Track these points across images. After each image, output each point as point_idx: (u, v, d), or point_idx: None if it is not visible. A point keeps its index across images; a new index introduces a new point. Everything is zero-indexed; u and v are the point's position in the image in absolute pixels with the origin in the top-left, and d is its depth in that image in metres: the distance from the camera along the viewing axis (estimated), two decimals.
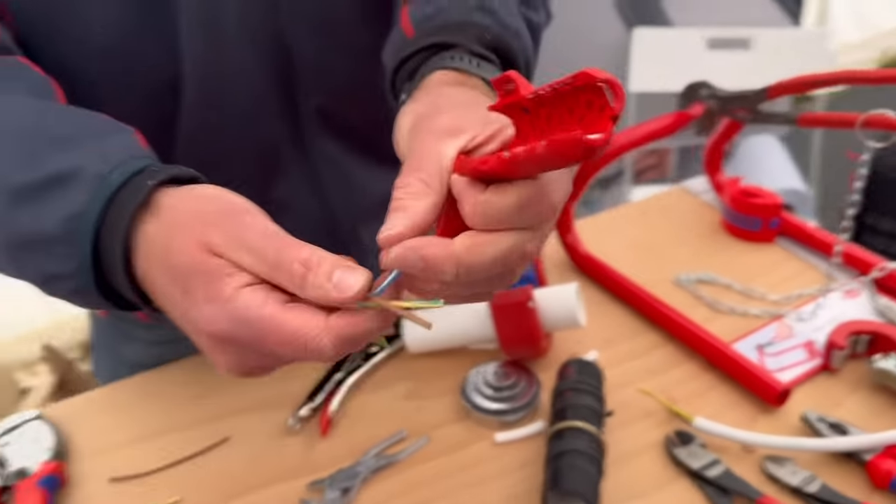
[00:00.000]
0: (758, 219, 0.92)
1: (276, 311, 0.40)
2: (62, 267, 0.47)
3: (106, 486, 0.70)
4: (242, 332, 0.41)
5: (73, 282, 0.48)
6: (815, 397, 0.73)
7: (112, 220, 0.46)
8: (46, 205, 0.47)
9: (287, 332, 0.40)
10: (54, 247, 0.47)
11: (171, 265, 0.43)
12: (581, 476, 0.61)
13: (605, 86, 0.34)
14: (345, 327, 0.40)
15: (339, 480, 0.68)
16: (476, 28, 0.58)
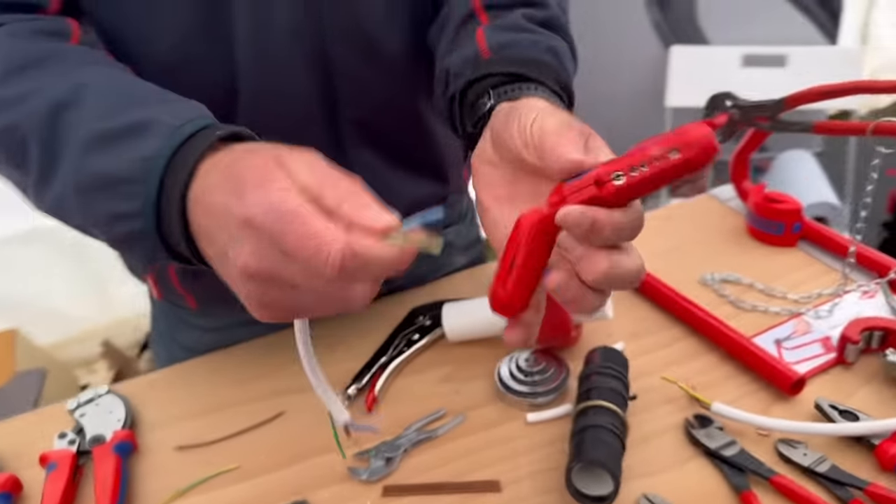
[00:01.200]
0: (781, 223, 0.97)
1: (307, 211, 0.44)
2: (129, 206, 0.52)
3: (172, 454, 0.78)
4: (269, 220, 0.43)
5: (136, 222, 0.52)
6: (828, 388, 0.78)
7: (179, 163, 0.51)
8: (121, 149, 0.52)
9: (307, 229, 0.43)
10: (124, 186, 0.52)
11: (231, 171, 0.48)
12: (604, 447, 0.66)
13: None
14: (361, 245, 0.43)
15: (382, 451, 0.74)
16: (552, 70, 0.66)
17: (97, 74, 0.61)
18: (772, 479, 0.68)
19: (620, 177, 0.44)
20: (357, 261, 0.43)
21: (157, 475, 0.76)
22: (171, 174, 0.51)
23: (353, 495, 0.71)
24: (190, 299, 0.90)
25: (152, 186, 0.51)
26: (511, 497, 0.70)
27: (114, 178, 0.52)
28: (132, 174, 0.51)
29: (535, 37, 0.69)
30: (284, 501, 0.71)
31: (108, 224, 0.54)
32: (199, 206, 0.50)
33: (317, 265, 0.43)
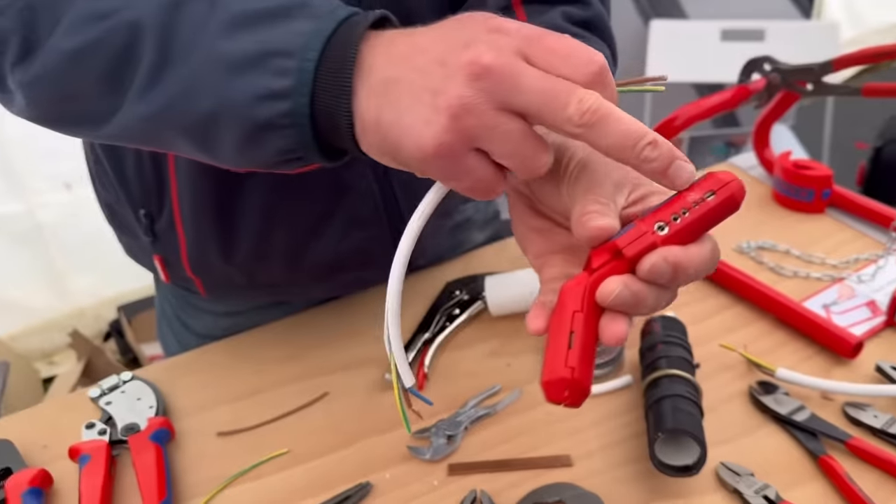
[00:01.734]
0: (811, 189, 0.96)
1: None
2: (279, 82, 0.45)
3: (214, 441, 0.73)
4: (525, 28, 0.42)
5: (287, 101, 0.45)
6: (883, 350, 0.78)
7: (343, 33, 0.45)
8: (273, 28, 0.46)
9: (570, 37, 0.42)
10: (275, 60, 0.45)
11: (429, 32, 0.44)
12: (685, 416, 0.64)
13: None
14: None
15: (442, 429, 0.71)
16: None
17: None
18: (847, 442, 0.67)
19: (664, 227, 0.42)
20: (608, 76, 0.41)
21: (200, 463, 0.71)
22: (334, 45, 0.45)
23: (419, 475, 0.68)
24: (199, 284, 0.84)
25: (310, 58, 0.44)
26: (584, 471, 0.67)
27: (263, 53, 0.46)
28: (286, 46, 0.45)
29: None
30: (344, 485, 0.67)
31: (251, 106, 0.46)
32: (387, 49, 0.45)
33: (578, 58, 0.41)
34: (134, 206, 0.76)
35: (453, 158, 0.42)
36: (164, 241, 0.78)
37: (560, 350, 0.42)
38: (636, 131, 0.40)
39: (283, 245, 0.77)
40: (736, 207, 0.44)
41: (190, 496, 0.68)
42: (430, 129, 0.41)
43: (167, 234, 0.77)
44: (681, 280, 0.42)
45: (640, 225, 0.43)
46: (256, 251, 0.77)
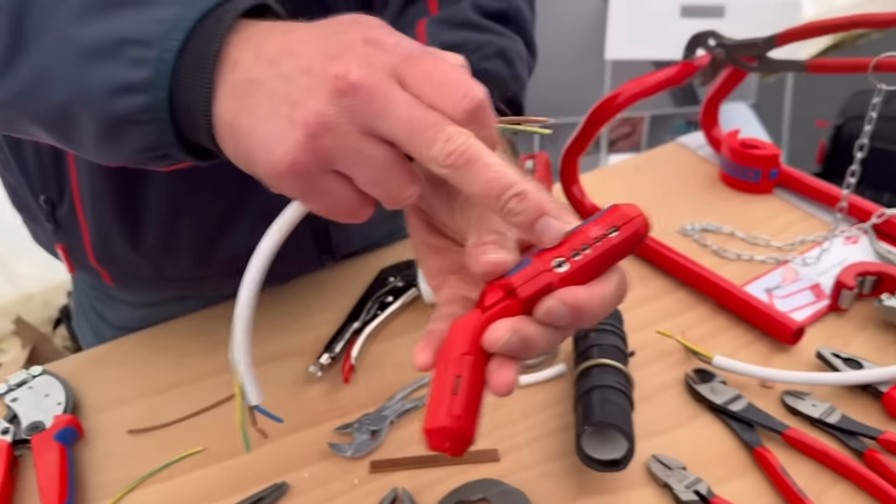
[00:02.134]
0: (758, 170, 0.94)
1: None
2: (135, 73, 0.41)
3: (125, 439, 0.69)
4: (404, 43, 0.39)
5: (144, 95, 0.41)
6: (825, 336, 0.75)
7: (210, 22, 0.41)
8: (132, 14, 0.42)
9: (451, 62, 0.39)
10: (131, 49, 0.41)
11: (305, 28, 0.41)
12: (614, 408, 0.61)
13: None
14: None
15: (366, 424, 0.68)
16: (498, 81, 0.59)
17: None
18: (784, 433, 0.65)
19: (563, 264, 0.39)
20: (486, 113, 0.38)
21: (109, 463, 0.67)
22: (197, 35, 0.41)
23: (338, 473, 0.65)
24: (105, 276, 0.80)
25: (169, 51, 0.40)
26: (512, 466, 0.64)
27: (118, 40, 0.42)
28: (145, 35, 0.41)
29: (483, 37, 0.62)
30: (261, 485, 0.64)
31: (106, 99, 0.42)
32: (255, 45, 0.40)
33: (455, 91, 0.37)
34: (34, 191, 0.72)
35: (308, 178, 0.38)
36: (67, 228, 0.73)
37: (444, 396, 0.38)
38: (503, 181, 0.37)
39: (190, 237, 0.73)
40: (639, 243, 0.42)
41: (96, 498, 0.64)
42: (284, 145, 0.37)
43: (69, 221, 0.72)
44: (583, 321, 0.39)
45: (537, 261, 0.39)
46: (163, 242, 0.73)
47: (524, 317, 0.39)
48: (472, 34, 0.62)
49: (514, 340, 0.38)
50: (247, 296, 0.46)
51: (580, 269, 0.39)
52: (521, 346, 0.38)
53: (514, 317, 0.39)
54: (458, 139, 0.36)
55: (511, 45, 0.64)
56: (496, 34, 0.63)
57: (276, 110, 0.38)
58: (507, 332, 0.38)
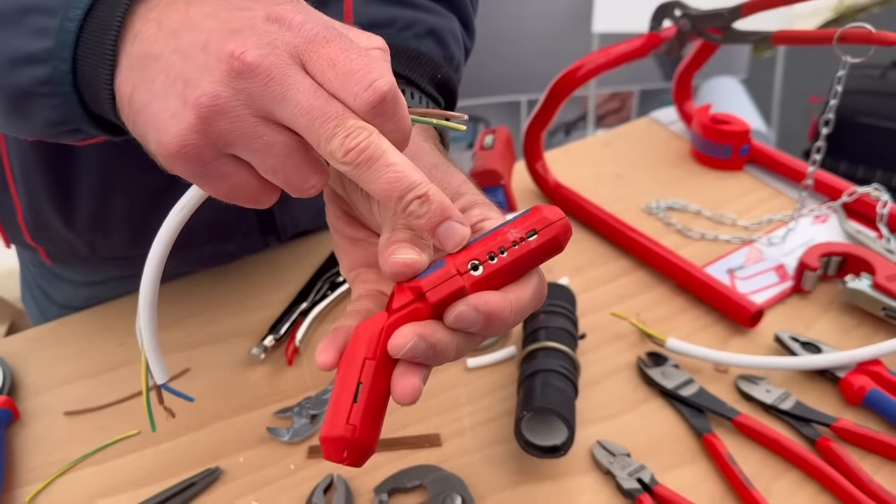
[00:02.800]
0: (728, 146, 0.91)
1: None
2: (36, 43, 0.39)
3: (62, 420, 0.67)
4: (311, 22, 0.35)
5: (45, 67, 0.40)
6: (786, 318, 0.73)
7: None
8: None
9: (358, 47, 0.36)
10: (33, 18, 0.40)
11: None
12: (555, 393, 0.59)
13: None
14: (400, 95, 0.36)
15: (306, 408, 0.66)
16: (428, 63, 0.56)
17: None
18: (734, 419, 0.63)
19: (478, 267, 0.37)
20: (392, 106, 0.35)
21: (44, 446, 0.65)
22: (99, 8, 0.39)
23: (274, 458, 0.63)
24: (42, 252, 0.78)
25: (72, 18, 0.38)
26: (453, 451, 0.63)
27: (20, 8, 0.40)
28: (46, 2, 0.39)
29: (414, 14, 0.59)
30: (195, 469, 0.62)
31: (6, 70, 0.41)
32: (159, 21, 0.38)
33: (358, 82, 0.34)
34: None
35: (200, 162, 0.36)
36: (0, 203, 0.71)
37: (344, 403, 0.36)
38: (404, 182, 0.34)
39: (123, 214, 0.71)
40: (559, 249, 0.39)
41: (28, 481, 0.62)
42: (175, 126, 0.35)
43: (1, 196, 0.70)
44: (496, 328, 0.37)
45: (450, 263, 0.37)
46: (96, 219, 0.70)
47: (433, 321, 0.36)
48: (402, 10, 0.59)
49: (420, 346, 0.35)
50: (150, 275, 0.44)
51: (494, 273, 0.37)
52: (429, 353, 0.36)
53: (422, 321, 0.36)
54: (358, 135, 0.34)
55: (444, 23, 0.61)
56: (428, 11, 0.60)
57: (171, 87, 0.36)
58: (413, 338, 0.35)
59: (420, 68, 0.55)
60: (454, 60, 0.60)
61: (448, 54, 0.59)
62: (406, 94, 0.53)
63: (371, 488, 0.60)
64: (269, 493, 0.60)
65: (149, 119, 0.36)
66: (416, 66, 0.55)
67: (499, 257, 0.37)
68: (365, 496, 0.59)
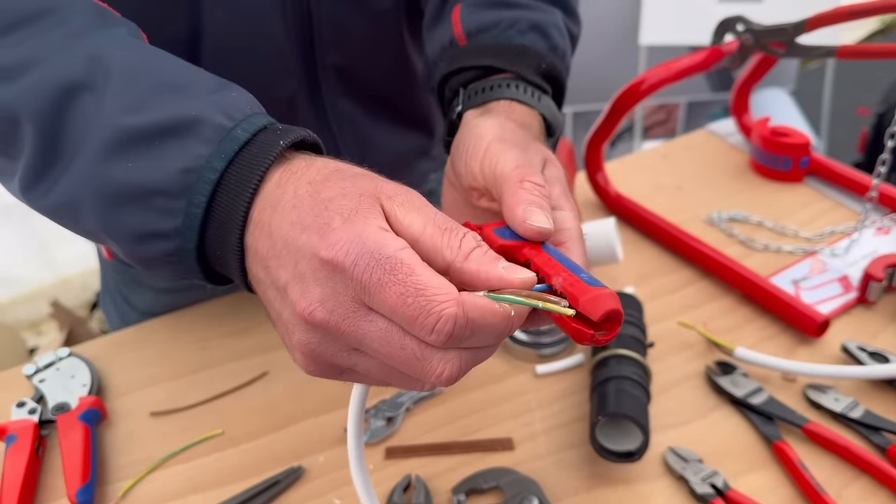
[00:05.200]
0: (788, 158, 0.92)
1: (412, 260, 0.36)
2: (164, 223, 0.42)
3: (148, 420, 0.70)
4: (362, 265, 0.36)
5: (172, 242, 0.43)
6: (852, 329, 0.74)
7: (234, 176, 0.41)
8: (158, 155, 0.42)
9: (414, 282, 0.35)
10: (159, 200, 0.42)
11: (315, 195, 0.39)
12: (629, 399, 0.61)
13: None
14: (477, 305, 0.36)
15: (382, 410, 0.68)
16: (532, 55, 0.60)
17: (115, 46, 0.47)
18: (804, 427, 0.63)
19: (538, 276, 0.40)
20: (471, 324, 0.36)
21: (131, 445, 0.68)
22: (223, 190, 0.42)
23: None
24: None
25: (198, 204, 0.41)
26: (526, 455, 0.64)
27: (148, 190, 0.42)
28: (171, 188, 0.42)
29: (516, 13, 0.62)
30: (277, 468, 0.64)
31: (137, 243, 0.44)
32: (261, 228, 0.41)
33: (421, 328, 0.35)
34: None
35: (330, 375, 0.42)
36: None
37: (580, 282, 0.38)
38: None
39: None
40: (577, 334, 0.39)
41: (117, 478, 0.65)
42: (294, 355, 0.41)
43: None
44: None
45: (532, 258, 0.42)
46: None
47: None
48: (504, 12, 0.62)
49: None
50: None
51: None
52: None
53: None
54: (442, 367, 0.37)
55: (546, 17, 0.63)
56: (530, 9, 0.63)
57: (278, 318, 0.41)
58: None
59: (524, 61, 0.59)
60: (558, 50, 0.62)
61: (552, 45, 0.62)
62: (512, 86, 0.57)
63: (448, 489, 0.61)
64: (350, 490, 0.62)
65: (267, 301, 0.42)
66: (521, 59, 0.59)
67: (555, 281, 0.40)
68: (443, 496, 0.61)
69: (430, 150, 0.91)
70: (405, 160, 0.87)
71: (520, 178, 0.45)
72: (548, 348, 0.72)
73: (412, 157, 0.88)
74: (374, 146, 0.80)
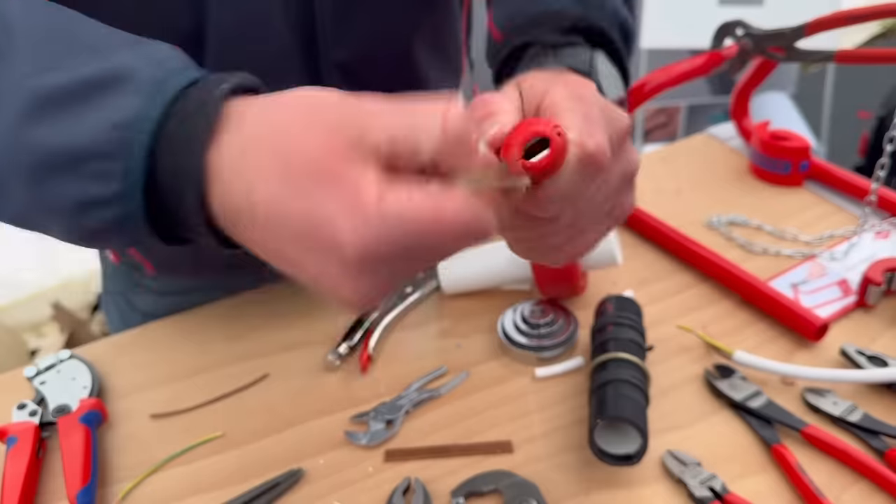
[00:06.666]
0: (787, 162, 0.92)
1: (428, 201, 0.36)
2: (101, 189, 0.39)
3: (148, 423, 0.71)
4: (398, 240, 0.35)
5: (115, 208, 0.39)
6: (851, 332, 0.74)
7: (174, 130, 0.38)
8: (83, 113, 0.38)
9: (449, 219, 0.36)
10: (94, 163, 0.38)
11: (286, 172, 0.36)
12: (628, 403, 0.61)
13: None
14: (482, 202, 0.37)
15: (382, 413, 0.68)
16: (552, 16, 0.58)
17: (22, 7, 0.43)
18: (803, 430, 0.64)
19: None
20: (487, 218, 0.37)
21: (132, 447, 0.69)
22: (166, 145, 0.38)
23: (353, 461, 0.65)
24: (148, 265, 0.81)
25: (137, 159, 0.38)
26: (525, 458, 0.64)
27: (79, 153, 0.38)
28: (105, 147, 0.38)
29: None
30: (277, 470, 0.64)
31: (77, 214, 0.40)
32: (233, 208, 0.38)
33: (469, 239, 0.37)
34: None
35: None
36: None
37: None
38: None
39: None
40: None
41: (118, 480, 0.66)
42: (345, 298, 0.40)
43: None
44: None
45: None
46: None
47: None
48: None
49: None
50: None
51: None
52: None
53: None
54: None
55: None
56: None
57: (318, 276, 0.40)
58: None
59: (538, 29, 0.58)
60: (590, 4, 0.59)
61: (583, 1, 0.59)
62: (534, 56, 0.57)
63: (447, 492, 0.62)
64: (349, 493, 0.63)
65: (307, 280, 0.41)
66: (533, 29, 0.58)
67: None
68: (442, 499, 0.61)
69: None
70: None
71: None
72: (547, 351, 0.72)
73: None
74: None
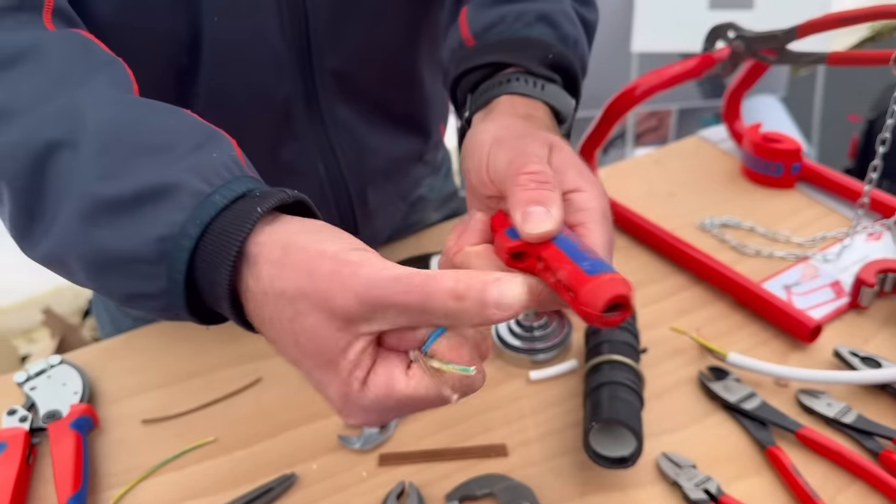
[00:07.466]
0: (779, 164, 0.92)
1: (404, 389, 0.40)
2: (149, 286, 0.43)
3: (139, 428, 0.70)
4: (376, 411, 0.42)
5: (161, 301, 0.43)
6: (844, 334, 0.74)
7: (210, 246, 0.41)
8: (134, 222, 0.42)
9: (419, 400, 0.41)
10: (140, 266, 0.42)
11: (297, 345, 0.42)
12: (623, 405, 0.61)
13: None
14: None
15: None
16: (538, 46, 0.59)
17: (95, 96, 0.47)
18: (797, 432, 0.64)
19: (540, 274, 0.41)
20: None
21: (123, 452, 0.68)
22: (202, 259, 0.42)
23: (347, 465, 0.65)
24: None
25: (178, 269, 0.41)
26: (520, 461, 0.64)
27: (126, 258, 0.43)
28: (150, 256, 0.42)
29: (521, 6, 0.62)
30: (270, 475, 0.64)
31: (124, 301, 0.46)
32: (254, 302, 0.43)
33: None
34: None
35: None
36: None
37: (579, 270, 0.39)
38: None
39: None
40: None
41: (109, 486, 0.65)
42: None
43: None
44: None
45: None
46: None
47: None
48: (510, 6, 0.62)
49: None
50: None
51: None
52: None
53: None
54: None
55: (552, 6, 0.63)
56: (534, 0, 0.63)
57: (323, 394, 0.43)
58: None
59: (528, 52, 0.58)
60: (569, 38, 0.62)
61: (561, 34, 0.61)
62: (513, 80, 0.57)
63: (442, 496, 0.61)
64: (343, 498, 0.62)
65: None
66: (524, 51, 0.58)
67: (553, 276, 0.40)
68: (436, 503, 0.61)
69: (424, 155, 0.91)
70: (400, 165, 0.87)
71: (515, 174, 0.45)
72: (541, 354, 0.72)
73: (407, 162, 0.88)
74: (370, 151, 0.80)
